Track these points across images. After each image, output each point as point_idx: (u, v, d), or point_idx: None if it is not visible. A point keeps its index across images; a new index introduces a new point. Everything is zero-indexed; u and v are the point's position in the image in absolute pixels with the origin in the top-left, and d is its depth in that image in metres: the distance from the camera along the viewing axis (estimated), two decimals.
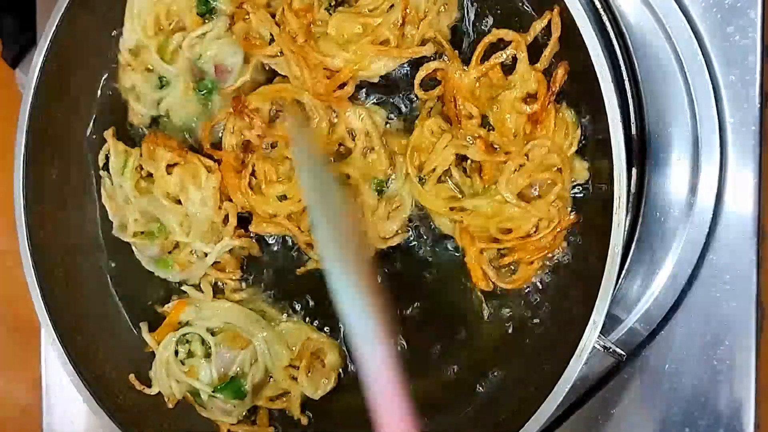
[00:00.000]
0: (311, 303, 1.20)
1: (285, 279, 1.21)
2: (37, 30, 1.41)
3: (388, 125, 1.13)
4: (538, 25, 1.00)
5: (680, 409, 1.06)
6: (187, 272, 1.21)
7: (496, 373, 1.09)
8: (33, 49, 1.43)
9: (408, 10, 1.04)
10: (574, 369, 0.93)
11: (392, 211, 1.12)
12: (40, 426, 1.44)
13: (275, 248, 1.22)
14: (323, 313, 1.20)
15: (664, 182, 1.06)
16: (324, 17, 1.07)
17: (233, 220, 1.18)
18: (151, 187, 1.19)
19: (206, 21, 1.15)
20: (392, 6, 1.05)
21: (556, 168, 1.01)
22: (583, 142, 1.01)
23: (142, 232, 1.22)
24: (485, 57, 1.03)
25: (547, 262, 1.05)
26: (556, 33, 0.98)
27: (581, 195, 1.03)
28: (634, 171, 1.03)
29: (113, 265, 1.30)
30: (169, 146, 1.16)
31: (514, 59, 1.01)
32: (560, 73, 0.99)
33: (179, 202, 1.18)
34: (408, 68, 1.11)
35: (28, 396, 1.83)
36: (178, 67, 1.16)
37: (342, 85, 1.08)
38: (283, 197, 1.13)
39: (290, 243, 1.21)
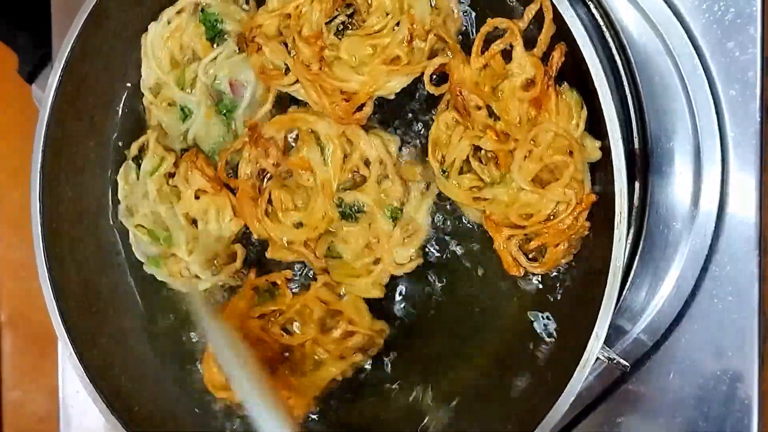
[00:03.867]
0: None
1: None
2: (52, 46, 1.43)
3: (401, 151, 1.14)
4: (530, 10, 1.01)
5: (684, 419, 1.07)
6: (173, 281, 1.24)
7: (500, 384, 1.11)
8: (49, 64, 1.46)
9: (414, 26, 1.06)
10: (578, 380, 0.94)
11: (407, 237, 1.12)
12: None
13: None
14: None
15: (667, 195, 1.07)
16: (334, 42, 1.09)
17: (238, 264, 1.21)
18: (172, 197, 1.20)
19: (215, 45, 1.18)
20: (398, 23, 1.06)
21: (568, 150, 1.00)
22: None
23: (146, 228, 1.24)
24: (485, 48, 1.03)
25: (575, 246, 1.05)
26: (548, 15, 0.98)
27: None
28: (637, 184, 1.04)
29: (129, 279, 1.31)
30: (207, 174, 1.18)
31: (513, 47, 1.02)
32: (556, 56, 0.98)
33: (195, 222, 1.20)
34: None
35: (45, 406, 1.85)
36: (197, 94, 1.18)
37: (361, 106, 1.10)
38: (299, 224, 1.14)
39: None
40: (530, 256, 1.06)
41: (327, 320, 1.14)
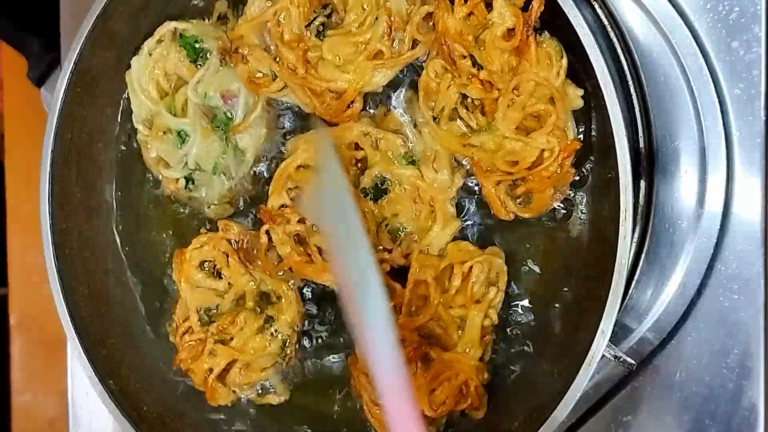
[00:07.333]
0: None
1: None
2: (61, 50, 1.44)
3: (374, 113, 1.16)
4: None
5: (691, 417, 1.07)
6: None
7: (507, 382, 1.12)
8: (58, 68, 1.47)
9: (393, 18, 1.07)
10: (584, 377, 0.95)
11: (434, 163, 1.12)
12: None
13: None
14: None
15: (672, 194, 1.07)
16: (316, 43, 1.10)
17: None
18: None
19: (200, 64, 1.19)
20: (377, 18, 1.08)
21: (550, 98, 1.01)
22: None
23: None
24: None
25: (562, 192, 1.07)
26: None
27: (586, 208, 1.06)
28: (642, 184, 1.05)
29: (137, 280, 1.33)
30: None
31: None
32: (536, 6, 0.99)
33: None
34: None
35: (55, 409, 1.86)
36: (190, 116, 1.19)
37: (350, 103, 1.11)
38: None
39: None
40: (519, 201, 1.08)
41: (445, 282, 1.12)
